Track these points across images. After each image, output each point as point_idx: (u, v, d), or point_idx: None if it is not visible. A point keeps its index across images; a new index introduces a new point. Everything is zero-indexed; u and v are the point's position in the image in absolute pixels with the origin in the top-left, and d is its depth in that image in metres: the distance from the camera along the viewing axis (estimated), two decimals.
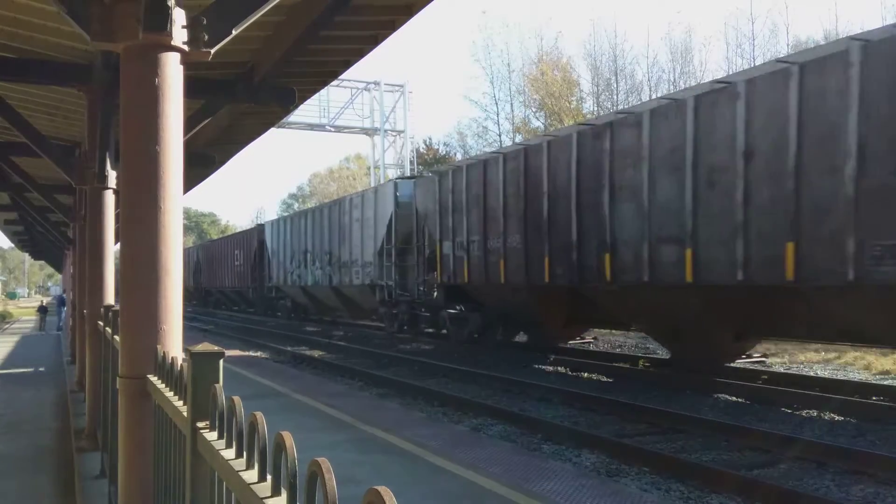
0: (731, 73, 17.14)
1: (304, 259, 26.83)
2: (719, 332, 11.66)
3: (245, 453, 1.43)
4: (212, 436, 1.70)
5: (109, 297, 6.80)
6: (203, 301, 46.02)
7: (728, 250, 10.09)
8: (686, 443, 8.13)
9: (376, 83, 38.71)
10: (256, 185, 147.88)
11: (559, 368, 14.24)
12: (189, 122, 6.02)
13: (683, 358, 12.51)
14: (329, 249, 24.48)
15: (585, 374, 13.54)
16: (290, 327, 27.48)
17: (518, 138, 35.07)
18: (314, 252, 25.89)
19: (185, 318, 3.55)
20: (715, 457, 7.52)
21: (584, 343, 17.85)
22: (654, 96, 25.26)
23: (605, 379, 13.10)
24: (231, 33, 3.05)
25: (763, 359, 14.04)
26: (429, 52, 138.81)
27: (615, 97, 34.70)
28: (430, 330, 19.88)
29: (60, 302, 29.99)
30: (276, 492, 1.24)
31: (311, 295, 27.55)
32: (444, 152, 42.73)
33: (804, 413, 9.45)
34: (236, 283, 36.36)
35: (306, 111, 36.05)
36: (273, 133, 39.13)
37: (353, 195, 25.04)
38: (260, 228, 33.75)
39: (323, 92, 31.27)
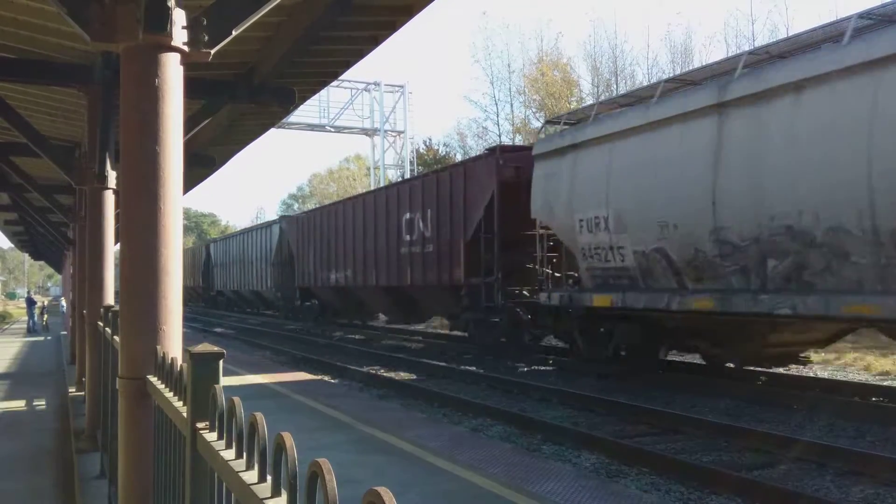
0: None
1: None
2: None
3: (245, 454, 1.42)
4: (212, 436, 1.69)
5: (109, 298, 6.79)
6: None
7: None
8: (686, 444, 8.12)
9: (376, 83, 38.70)
10: (256, 185, 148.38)
11: None
12: (189, 123, 6.01)
13: None
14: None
15: None
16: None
17: (518, 139, 35.03)
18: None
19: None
20: (715, 458, 7.52)
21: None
22: None
23: None
24: (231, 34, 3.05)
25: None
26: (429, 52, 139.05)
27: None
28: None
29: (30, 303, 30.18)
30: (276, 492, 1.23)
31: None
32: (444, 153, 42.64)
33: (804, 414, 9.44)
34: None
35: (306, 111, 36.03)
36: (273, 133, 39.13)
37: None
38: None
39: (323, 92, 31.26)
